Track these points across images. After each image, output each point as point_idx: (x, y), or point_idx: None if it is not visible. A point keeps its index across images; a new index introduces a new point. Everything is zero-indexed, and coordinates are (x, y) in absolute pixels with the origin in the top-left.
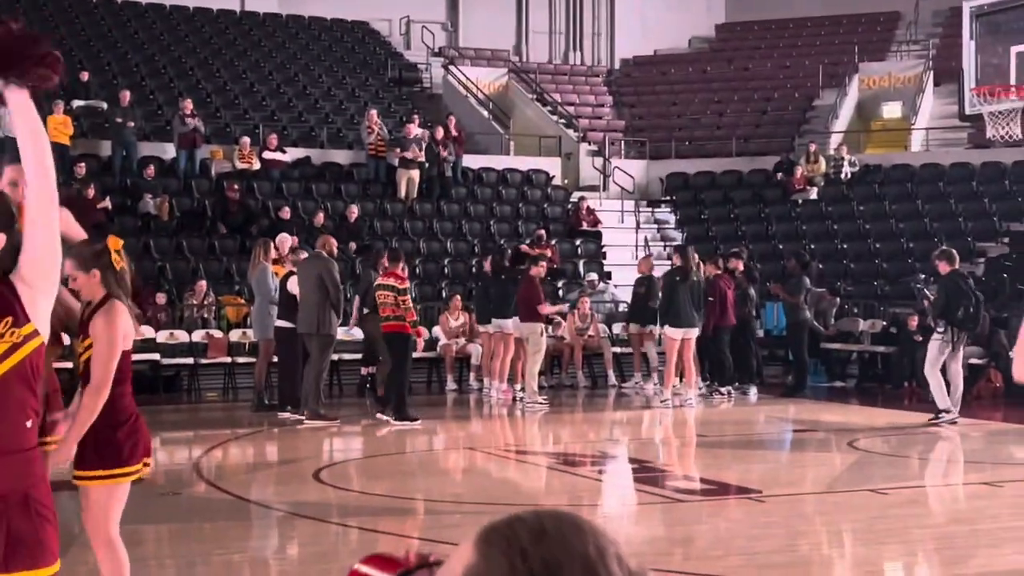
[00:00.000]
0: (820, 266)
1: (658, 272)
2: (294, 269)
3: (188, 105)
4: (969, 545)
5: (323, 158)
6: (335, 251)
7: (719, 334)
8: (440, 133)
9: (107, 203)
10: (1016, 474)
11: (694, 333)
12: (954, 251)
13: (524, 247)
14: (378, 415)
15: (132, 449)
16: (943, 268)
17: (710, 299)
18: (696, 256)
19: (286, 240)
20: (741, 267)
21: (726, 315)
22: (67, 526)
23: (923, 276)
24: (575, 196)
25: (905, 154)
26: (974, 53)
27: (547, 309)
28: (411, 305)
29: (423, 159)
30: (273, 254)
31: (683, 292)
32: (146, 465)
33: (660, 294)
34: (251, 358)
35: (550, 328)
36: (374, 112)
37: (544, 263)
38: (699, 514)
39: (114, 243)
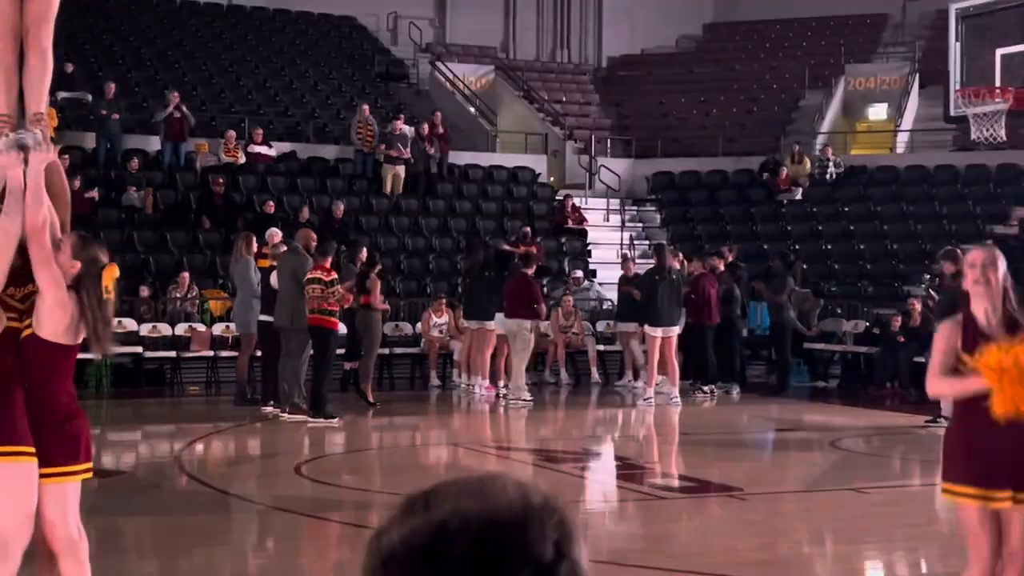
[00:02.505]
0: (804, 266)
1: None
2: (276, 263)
3: (175, 97)
4: (950, 545)
5: (309, 153)
6: (312, 246)
7: (702, 333)
8: (426, 129)
9: (95, 194)
10: None
11: (674, 331)
12: (959, 251)
13: (506, 246)
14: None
15: (83, 446)
16: (948, 268)
17: (692, 296)
18: (680, 255)
19: (276, 234)
20: (722, 266)
21: (709, 314)
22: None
23: (928, 276)
24: (561, 194)
25: (890, 155)
26: (959, 55)
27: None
28: (340, 295)
29: (409, 156)
30: (256, 248)
31: (662, 291)
32: (87, 471)
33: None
34: (234, 352)
35: (541, 326)
36: (366, 107)
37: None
38: (680, 512)
39: (111, 272)
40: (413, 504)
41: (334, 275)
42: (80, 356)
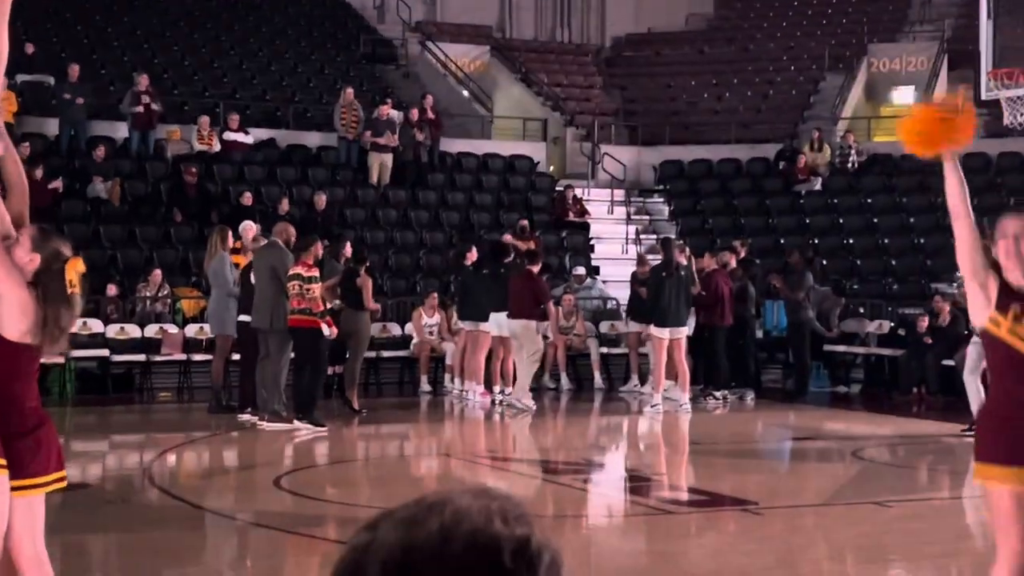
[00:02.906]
0: (824, 262)
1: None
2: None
3: (144, 81)
4: (980, 563)
5: (289, 140)
6: (292, 240)
7: (714, 334)
8: (416, 115)
9: (58, 185)
10: None
11: (683, 332)
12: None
13: (508, 237)
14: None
15: (56, 454)
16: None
17: (703, 293)
18: (687, 250)
19: (249, 228)
20: (734, 263)
21: (722, 314)
22: None
23: (959, 273)
24: (561, 184)
25: None
26: (992, 34)
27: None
28: (316, 295)
29: (397, 143)
30: (233, 243)
31: (669, 289)
32: (60, 480)
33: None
34: (208, 355)
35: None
36: (351, 90)
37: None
38: (690, 527)
39: (75, 265)
40: (367, 522)
41: (315, 271)
42: (42, 361)
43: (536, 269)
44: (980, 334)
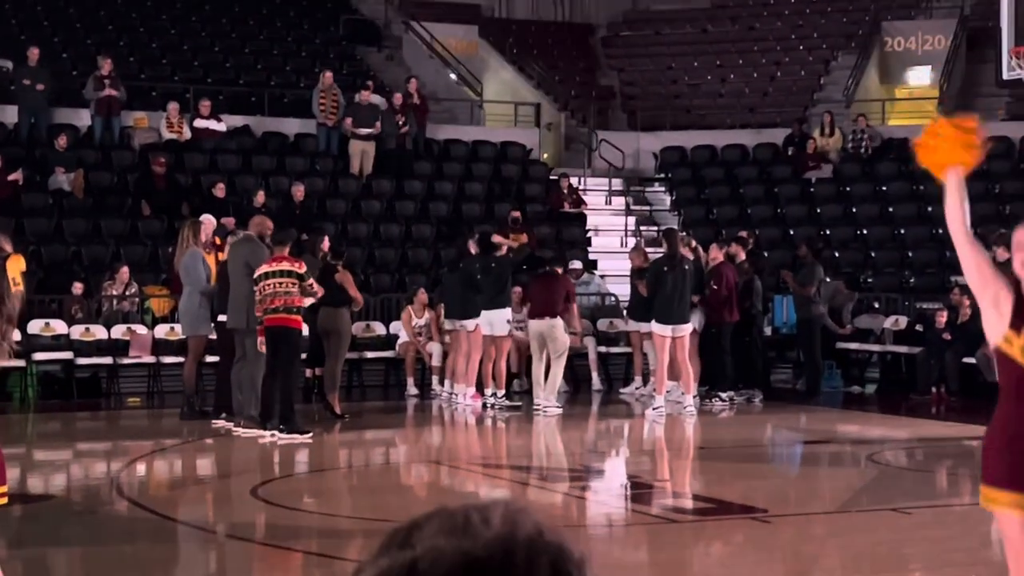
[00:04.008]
0: (836, 254)
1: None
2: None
3: (107, 65)
4: (1004, 572)
5: (264, 127)
6: (268, 235)
7: (719, 332)
8: (400, 100)
9: (17, 176)
10: None
11: (686, 329)
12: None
13: (497, 237)
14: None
15: None
16: (1002, 255)
17: (714, 287)
18: (693, 241)
19: (210, 224)
20: (743, 255)
21: (729, 310)
22: None
23: None
24: (556, 173)
25: None
26: (1014, 10)
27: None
28: (313, 291)
29: (380, 130)
30: (204, 237)
31: (671, 283)
32: (3, 495)
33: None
34: (179, 357)
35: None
36: (329, 74)
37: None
38: (695, 537)
39: (16, 262)
40: (392, 540)
41: (304, 267)
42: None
43: (561, 270)
44: (992, 351)
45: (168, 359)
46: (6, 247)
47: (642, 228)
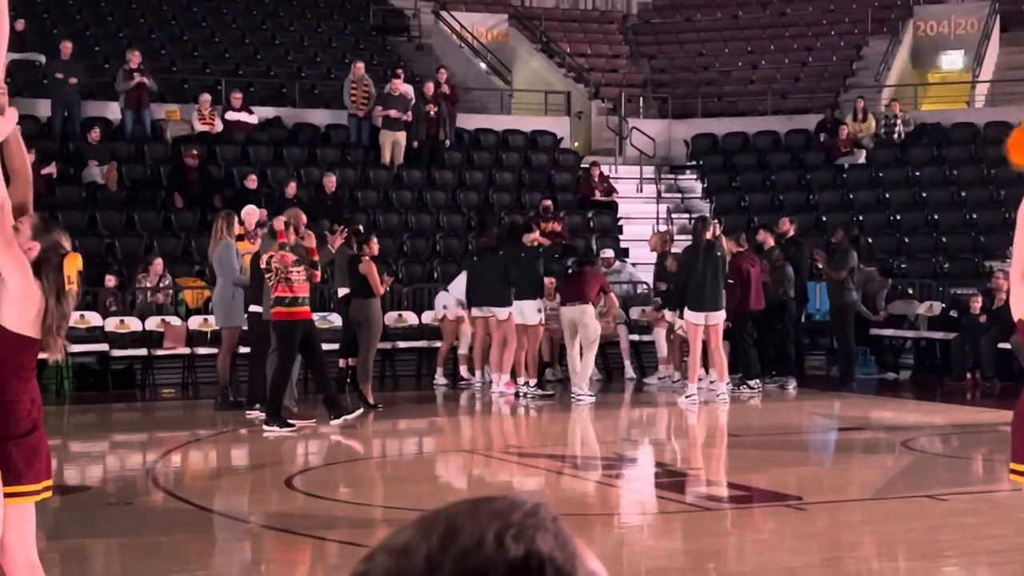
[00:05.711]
0: (870, 240)
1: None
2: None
3: (136, 58)
4: None
5: (295, 118)
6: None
7: (741, 321)
8: (430, 89)
9: (51, 170)
10: None
11: (719, 317)
12: None
13: (533, 236)
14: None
15: (46, 461)
16: None
17: (730, 281)
18: (718, 229)
19: (253, 213)
20: (771, 241)
21: (747, 299)
22: None
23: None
24: (586, 161)
25: (968, 111)
26: None
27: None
28: (310, 273)
29: (411, 120)
30: (238, 229)
31: (704, 269)
32: (48, 489)
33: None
34: (213, 349)
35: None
36: (360, 64)
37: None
38: (729, 524)
39: (73, 260)
40: (391, 536)
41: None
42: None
43: (591, 267)
44: (1018, 325)
45: (202, 350)
46: (65, 244)
47: (674, 216)
